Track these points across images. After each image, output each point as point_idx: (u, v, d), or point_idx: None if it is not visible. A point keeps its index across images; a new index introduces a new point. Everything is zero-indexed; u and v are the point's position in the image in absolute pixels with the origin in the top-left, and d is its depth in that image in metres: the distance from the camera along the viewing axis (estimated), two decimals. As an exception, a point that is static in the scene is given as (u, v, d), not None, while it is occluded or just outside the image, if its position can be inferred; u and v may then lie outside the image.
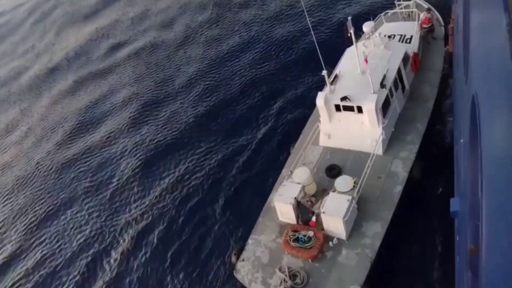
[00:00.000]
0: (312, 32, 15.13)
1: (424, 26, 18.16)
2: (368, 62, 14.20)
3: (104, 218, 18.62)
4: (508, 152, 5.53)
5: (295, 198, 13.41)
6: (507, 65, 5.70)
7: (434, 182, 14.29)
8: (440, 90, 16.30)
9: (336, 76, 15.75)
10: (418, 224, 13.41)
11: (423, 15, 18.26)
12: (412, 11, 19.09)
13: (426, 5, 19.40)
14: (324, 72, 14.84)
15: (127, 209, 18.48)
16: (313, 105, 16.41)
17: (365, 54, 14.26)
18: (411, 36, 17.54)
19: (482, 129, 7.54)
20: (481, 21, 9.49)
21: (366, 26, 15.97)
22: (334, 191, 13.38)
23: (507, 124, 5.72)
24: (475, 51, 10.02)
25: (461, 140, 11.27)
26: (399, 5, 19.57)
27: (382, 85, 14.75)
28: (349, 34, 14.35)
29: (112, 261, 16.68)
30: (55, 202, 20.75)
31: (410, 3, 19.45)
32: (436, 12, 19.26)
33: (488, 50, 7.98)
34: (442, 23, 18.72)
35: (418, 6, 19.44)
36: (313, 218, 13.20)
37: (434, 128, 15.62)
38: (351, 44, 14.97)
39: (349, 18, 14.33)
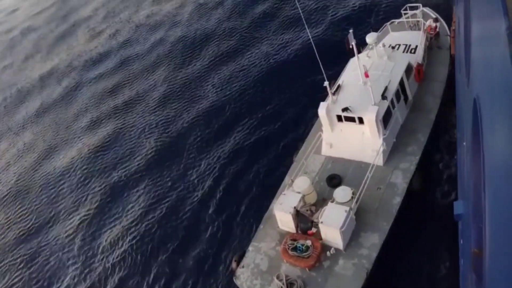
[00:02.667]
0: (313, 44, 15.31)
1: (429, 33, 18.20)
2: (369, 75, 14.36)
3: (105, 220, 19.31)
4: (510, 154, 5.59)
5: (295, 207, 13.66)
6: (507, 69, 5.78)
7: (434, 194, 14.38)
8: (443, 101, 16.32)
9: (339, 86, 15.96)
10: (416, 236, 13.51)
11: (429, 22, 18.29)
12: (418, 21, 19.11)
13: (434, 15, 19.41)
14: (326, 83, 15.10)
15: (127, 213, 19.03)
16: (316, 114, 16.60)
17: (365, 67, 14.42)
18: (416, 46, 17.61)
19: (484, 132, 7.61)
20: (481, 24, 9.56)
21: (369, 37, 16.11)
22: (333, 201, 13.60)
23: (509, 127, 5.79)
24: (476, 54, 10.09)
25: (464, 143, 11.32)
26: (405, 14, 19.61)
27: (384, 97, 14.89)
28: (350, 47, 14.55)
29: (109, 264, 17.24)
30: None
31: (417, 12, 19.47)
32: (443, 21, 19.24)
33: (489, 54, 8.05)
34: (448, 33, 18.68)
35: (424, 15, 19.45)
36: (313, 229, 13.37)
37: (436, 139, 15.64)
38: (354, 55, 15.16)
39: (350, 31, 14.51)
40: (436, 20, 18.43)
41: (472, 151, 9.31)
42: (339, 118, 15.36)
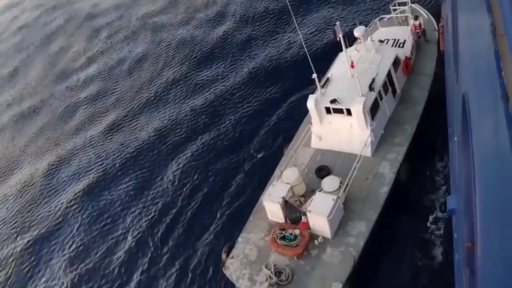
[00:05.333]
0: (301, 38, 15.48)
1: (415, 32, 18.42)
2: (354, 66, 14.52)
3: (99, 217, 19.23)
4: (498, 149, 5.64)
5: (283, 197, 13.76)
6: (492, 65, 5.85)
7: (421, 184, 14.58)
8: (431, 94, 16.52)
9: (328, 80, 16.12)
10: (403, 226, 13.74)
11: (411, 22, 18.50)
12: (407, 16, 19.35)
13: (422, 11, 19.66)
14: (314, 76, 15.22)
15: (121, 207, 19.06)
16: (306, 108, 16.75)
17: (350, 58, 14.59)
18: (405, 41, 17.83)
19: (472, 127, 7.74)
20: (468, 21, 9.69)
21: (357, 31, 16.25)
22: (321, 190, 13.73)
23: (495, 122, 5.84)
24: (463, 51, 10.24)
25: (455, 138, 11.50)
26: (394, 10, 19.83)
27: (371, 88, 15.05)
28: (338, 39, 14.70)
29: (102, 257, 17.27)
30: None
31: (406, 8, 19.70)
32: (431, 16, 19.49)
33: (475, 50, 8.13)
34: (436, 27, 18.93)
35: (413, 11, 19.70)
36: (304, 219, 13.45)
37: (424, 131, 15.81)
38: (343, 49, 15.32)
39: (337, 23, 14.64)
40: (416, 17, 18.62)
41: (462, 146, 9.47)
42: (328, 110, 15.49)
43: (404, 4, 19.76)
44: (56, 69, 34.86)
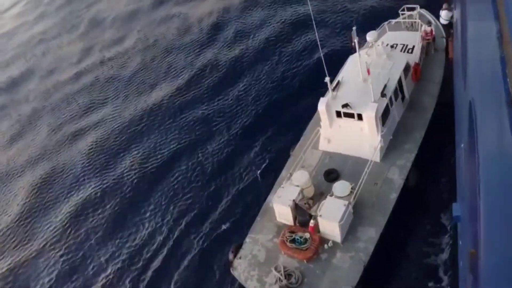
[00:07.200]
0: (318, 40, 15.45)
1: (425, 38, 18.53)
2: (370, 72, 14.58)
3: (107, 219, 19.20)
4: (503, 155, 5.75)
5: (293, 200, 13.84)
6: (498, 71, 5.98)
7: (430, 191, 14.71)
8: (439, 101, 16.65)
9: (338, 83, 16.15)
10: (412, 231, 13.84)
11: (423, 28, 18.59)
12: (415, 22, 19.45)
13: (430, 17, 19.76)
14: (327, 79, 15.27)
15: (128, 206, 19.14)
16: (314, 109, 16.79)
17: (367, 64, 14.65)
18: (413, 46, 17.92)
19: (479, 134, 7.83)
20: (476, 29, 9.85)
21: (370, 36, 16.33)
22: (331, 195, 13.80)
23: (500, 129, 5.93)
24: (471, 58, 10.36)
25: (462, 145, 11.63)
26: (402, 14, 19.92)
27: (383, 94, 15.15)
28: (353, 44, 14.75)
29: (105, 257, 17.32)
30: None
31: (414, 13, 19.80)
32: (439, 23, 19.60)
33: (482, 57, 8.28)
34: (444, 34, 19.06)
35: (421, 16, 19.80)
36: (311, 223, 13.47)
37: (432, 138, 15.93)
38: (355, 52, 15.39)
39: (354, 28, 14.74)
40: (429, 23, 18.72)
41: (468, 153, 9.56)
42: (338, 114, 15.54)
43: (413, 9, 19.87)
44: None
